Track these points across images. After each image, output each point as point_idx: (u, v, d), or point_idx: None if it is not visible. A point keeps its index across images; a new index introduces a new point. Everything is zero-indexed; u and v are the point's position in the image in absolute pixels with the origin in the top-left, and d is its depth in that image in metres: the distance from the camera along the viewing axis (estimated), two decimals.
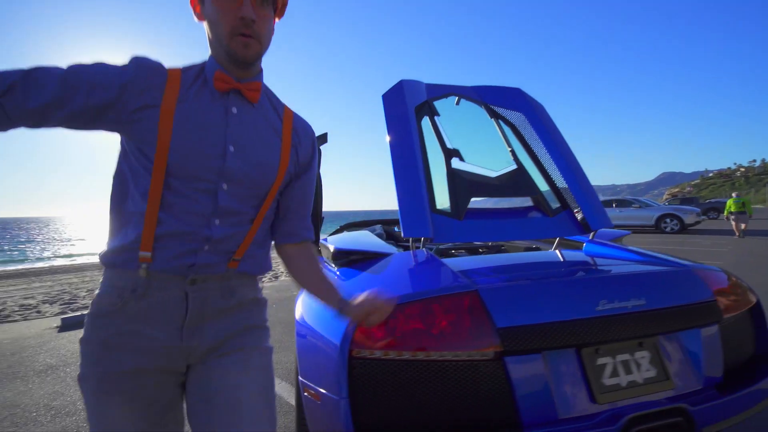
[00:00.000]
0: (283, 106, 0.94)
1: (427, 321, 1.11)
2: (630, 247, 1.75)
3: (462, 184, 1.82)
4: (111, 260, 0.80)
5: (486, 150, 2.16)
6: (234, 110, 0.82)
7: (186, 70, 0.82)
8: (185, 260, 0.79)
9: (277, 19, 0.85)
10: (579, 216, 1.87)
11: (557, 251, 1.92)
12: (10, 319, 4.68)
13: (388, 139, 1.79)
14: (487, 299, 1.13)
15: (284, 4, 0.85)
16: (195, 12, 0.81)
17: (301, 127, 0.94)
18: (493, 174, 1.94)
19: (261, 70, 0.87)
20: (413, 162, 1.74)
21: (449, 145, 1.97)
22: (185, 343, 0.81)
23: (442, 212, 1.72)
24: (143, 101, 0.75)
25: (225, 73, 0.80)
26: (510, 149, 2.06)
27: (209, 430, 0.78)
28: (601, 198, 15.19)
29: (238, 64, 0.80)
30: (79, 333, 3.56)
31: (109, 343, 0.78)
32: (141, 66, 0.76)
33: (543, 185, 1.99)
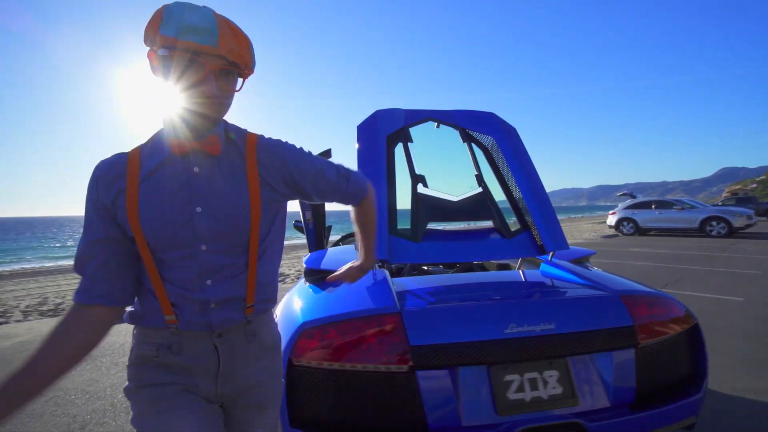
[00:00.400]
0: (245, 135, 0.90)
1: (355, 337, 1.31)
2: (580, 269, 1.86)
3: (423, 208, 2.00)
4: (142, 320, 0.87)
5: (455, 174, 2.31)
6: (196, 170, 0.82)
7: (144, 147, 0.85)
8: (203, 320, 0.84)
9: (242, 80, 0.82)
10: (538, 237, 1.99)
11: (519, 271, 2.05)
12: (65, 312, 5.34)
13: (356, 168, 2.00)
14: (407, 320, 1.32)
15: (250, 68, 0.82)
16: (151, 64, 0.76)
17: (265, 149, 0.89)
18: (456, 198, 2.10)
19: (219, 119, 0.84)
20: (377, 190, 1.94)
21: (417, 172, 2.15)
22: (220, 390, 0.89)
23: (401, 235, 1.91)
24: (112, 195, 0.81)
25: (181, 138, 0.79)
26: (477, 173, 2.20)
27: None
28: (642, 197, 14.56)
29: (195, 121, 0.79)
30: (118, 327, 4.03)
31: (156, 384, 0.85)
32: (99, 171, 0.82)
33: (506, 207, 2.13)
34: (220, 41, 0.72)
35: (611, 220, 15.06)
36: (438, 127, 2.33)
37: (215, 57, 0.73)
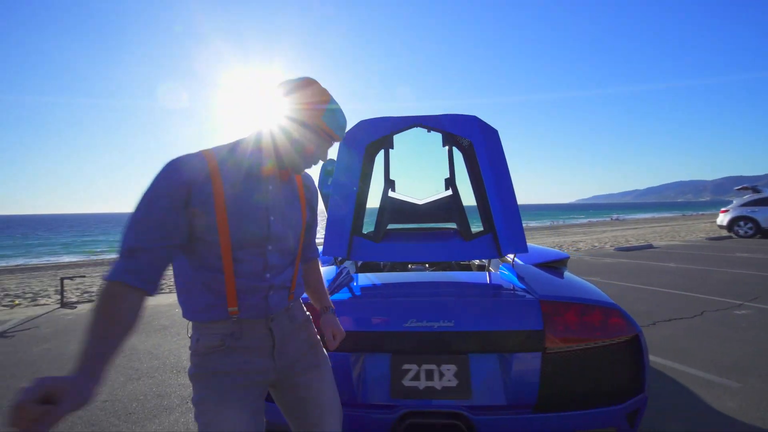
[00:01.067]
0: None
1: None
2: (537, 272, 1.87)
3: (387, 211, 2.17)
4: (203, 316, 0.98)
5: (429, 178, 2.42)
6: (270, 188, 1.03)
7: (219, 153, 0.97)
8: (261, 308, 1.01)
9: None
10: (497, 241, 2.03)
11: (468, 272, 2.12)
12: (163, 291, 6.53)
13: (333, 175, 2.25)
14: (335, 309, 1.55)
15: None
16: (287, 104, 0.98)
17: (308, 183, 1.20)
18: (421, 201, 2.22)
19: None
20: (346, 194, 2.17)
21: (390, 177, 2.32)
22: (277, 364, 1.06)
23: (364, 235, 2.12)
24: (203, 198, 0.91)
25: (277, 168, 1.03)
26: (448, 177, 2.30)
27: (307, 422, 1.10)
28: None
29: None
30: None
31: (218, 372, 0.98)
32: (188, 173, 0.90)
33: (474, 210, 2.20)
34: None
35: (722, 219, 12.90)
36: (429, 132, 2.46)
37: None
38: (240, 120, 1.15)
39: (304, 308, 1.24)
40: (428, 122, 2.50)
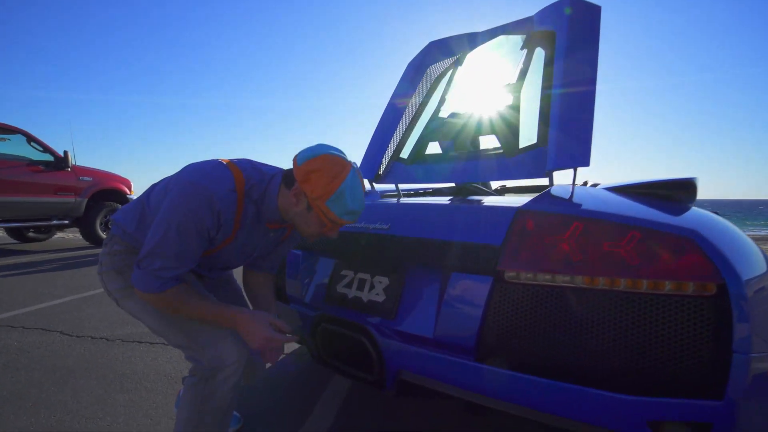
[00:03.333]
0: None
1: None
2: (582, 192, 1.23)
3: (428, 131, 1.91)
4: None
5: (490, 91, 1.93)
6: (271, 234, 1.07)
7: (250, 190, 0.94)
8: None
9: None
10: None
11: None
12: None
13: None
14: None
15: None
16: (294, 194, 0.91)
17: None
18: (469, 118, 1.81)
19: None
20: (391, 117, 2.06)
21: (445, 96, 2.03)
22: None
23: (402, 160, 1.94)
24: (220, 230, 0.92)
25: (281, 223, 1.02)
26: (509, 83, 1.79)
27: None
28: None
29: None
30: None
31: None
32: (220, 204, 0.88)
33: (535, 121, 1.66)
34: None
35: None
36: (509, 38, 2.01)
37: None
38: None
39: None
40: (511, 28, 2.03)
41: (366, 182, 1.98)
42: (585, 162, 1.29)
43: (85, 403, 1.48)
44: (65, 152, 5.09)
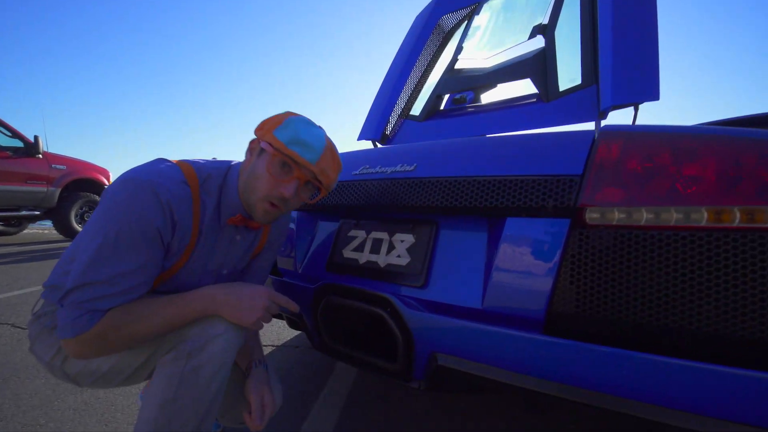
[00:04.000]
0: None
1: None
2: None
3: (441, 83, 1.64)
4: None
5: (515, 32, 1.67)
6: (238, 238, 0.84)
7: (205, 184, 0.77)
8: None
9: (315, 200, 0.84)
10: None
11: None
12: None
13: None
14: None
15: (330, 189, 0.82)
16: (249, 149, 0.79)
17: (275, 226, 0.95)
18: (491, 62, 1.55)
19: None
20: (398, 72, 1.78)
21: (462, 46, 1.76)
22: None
23: (414, 117, 1.67)
24: (177, 236, 0.72)
25: (245, 217, 0.80)
26: (540, 24, 1.53)
27: None
28: None
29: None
30: None
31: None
32: (171, 202, 0.69)
33: (577, 62, 1.40)
34: (319, 160, 0.75)
35: None
36: None
37: (307, 170, 0.76)
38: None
39: None
40: None
41: (370, 144, 1.70)
42: (654, 95, 1.04)
43: (25, 407, 1.18)
44: (36, 137, 4.70)
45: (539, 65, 1.40)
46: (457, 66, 1.69)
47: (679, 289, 0.60)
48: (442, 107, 1.65)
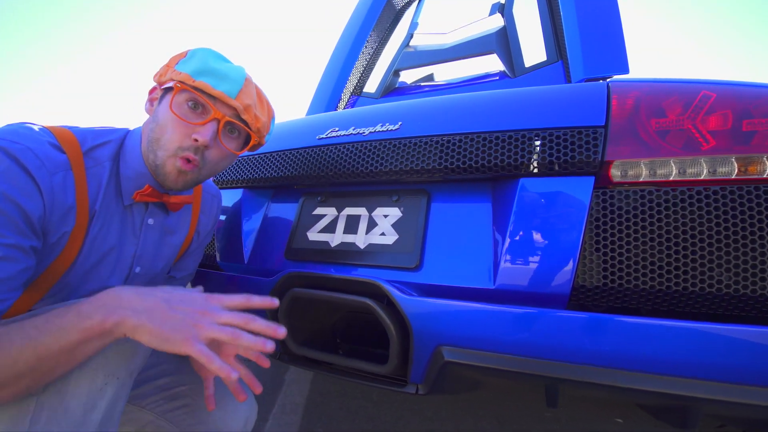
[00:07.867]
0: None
1: None
2: None
3: (397, 61, 1.52)
4: None
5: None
6: (150, 221, 0.66)
7: (94, 156, 0.59)
8: None
9: (245, 150, 0.68)
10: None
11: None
12: None
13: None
14: None
15: (262, 136, 0.67)
16: (148, 99, 0.65)
17: (207, 203, 0.79)
18: (450, 40, 1.48)
19: None
20: (346, 48, 1.61)
21: (416, 22, 1.65)
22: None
23: (369, 94, 1.52)
24: (56, 222, 0.54)
25: (155, 189, 0.62)
26: (499, 3, 1.49)
27: None
28: None
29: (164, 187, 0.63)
30: None
31: None
32: (44, 174, 0.52)
33: (539, 40, 1.36)
34: (240, 94, 0.60)
35: None
36: None
37: (226, 107, 0.60)
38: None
39: None
40: None
41: None
42: (623, 68, 1.03)
43: None
44: None
45: (503, 41, 1.35)
46: (413, 42, 1.58)
47: (723, 245, 0.53)
48: (398, 84, 1.53)
